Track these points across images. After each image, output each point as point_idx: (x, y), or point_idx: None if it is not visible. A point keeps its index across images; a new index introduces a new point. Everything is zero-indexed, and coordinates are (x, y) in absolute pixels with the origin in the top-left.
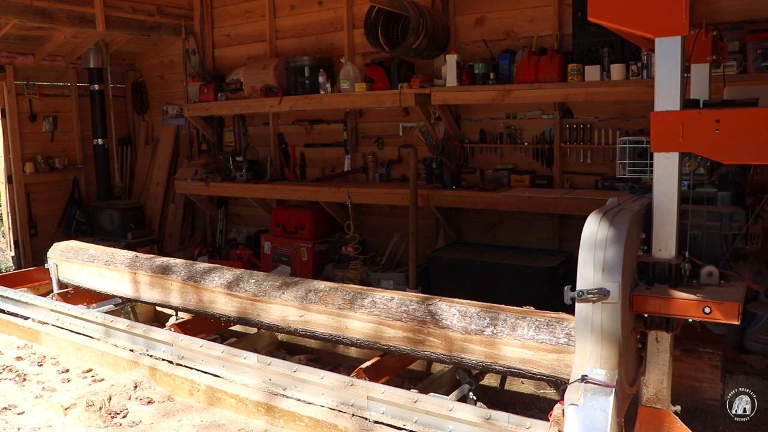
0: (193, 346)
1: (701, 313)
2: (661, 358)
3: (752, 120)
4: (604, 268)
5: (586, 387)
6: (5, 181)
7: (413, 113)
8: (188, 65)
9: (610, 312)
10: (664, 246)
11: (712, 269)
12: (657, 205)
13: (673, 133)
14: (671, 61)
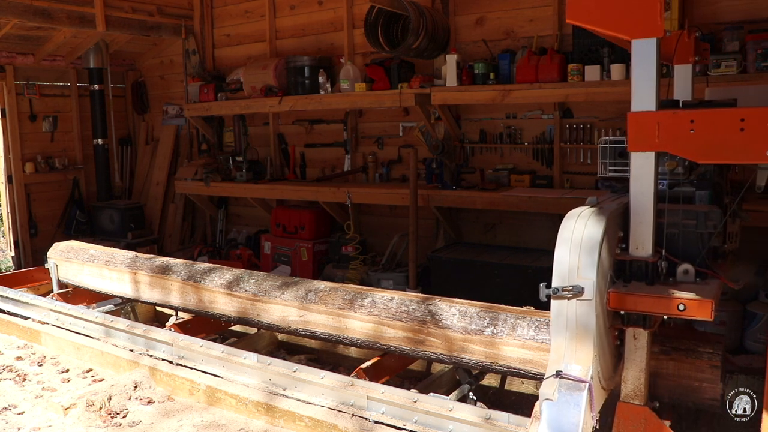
0: (193, 346)
1: (675, 310)
2: (639, 355)
3: (725, 120)
4: (579, 266)
5: (561, 382)
6: (5, 181)
7: (413, 113)
8: (188, 65)
9: (584, 309)
10: (641, 244)
11: (688, 267)
12: (634, 204)
13: (649, 133)
14: (647, 63)
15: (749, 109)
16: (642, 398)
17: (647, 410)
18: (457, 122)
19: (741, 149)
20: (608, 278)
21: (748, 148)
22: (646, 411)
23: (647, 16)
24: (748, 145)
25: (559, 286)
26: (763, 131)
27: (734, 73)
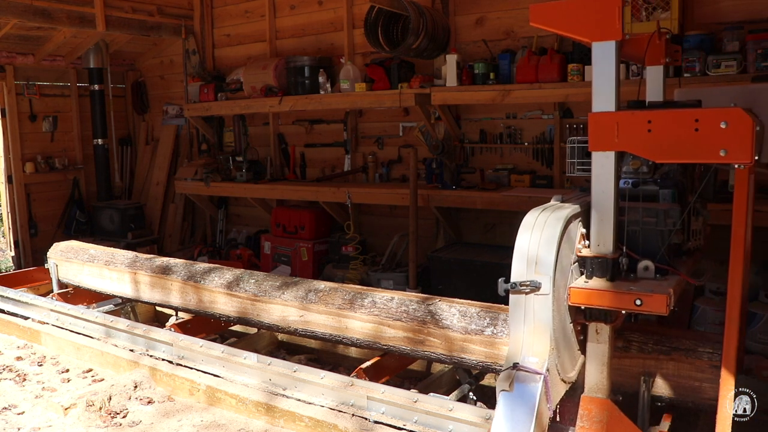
0: (193, 346)
1: (633, 305)
2: (601, 349)
3: (680, 121)
4: (537, 262)
5: (517, 374)
6: (5, 181)
7: (413, 113)
8: (188, 65)
9: (541, 303)
10: (602, 241)
11: (648, 263)
12: (595, 202)
13: (609, 133)
14: (606, 65)
15: (703, 110)
16: (605, 391)
17: (609, 403)
18: (457, 122)
19: (696, 149)
20: (570, 274)
21: (702, 147)
22: (608, 404)
23: (606, 20)
24: (703, 144)
25: (517, 281)
26: (716, 131)
27: (734, 73)
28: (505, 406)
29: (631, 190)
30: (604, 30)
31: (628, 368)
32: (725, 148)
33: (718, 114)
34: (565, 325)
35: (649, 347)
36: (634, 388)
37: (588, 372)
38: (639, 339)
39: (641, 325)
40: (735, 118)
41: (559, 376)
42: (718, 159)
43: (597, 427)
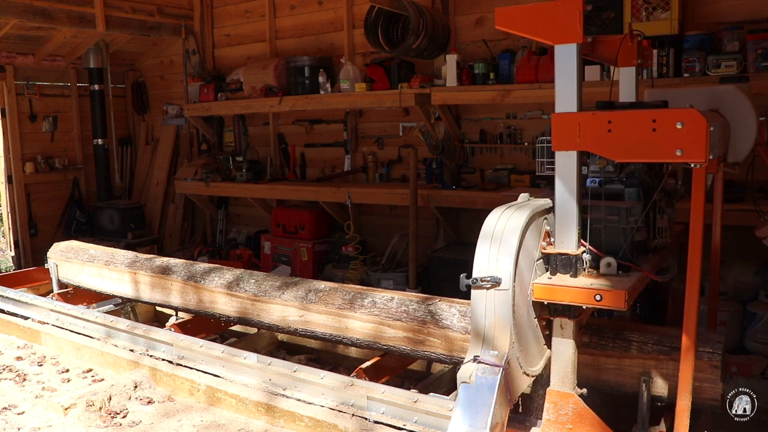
0: (194, 346)
1: (593, 300)
2: (566, 344)
3: (639, 121)
4: (498, 258)
5: (478, 367)
6: (5, 181)
7: (413, 113)
8: (188, 65)
9: (502, 299)
10: (566, 238)
11: (611, 260)
12: (558, 200)
13: (571, 133)
14: (568, 67)
15: (660, 111)
16: (570, 385)
17: (575, 396)
18: (457, 122)
19: (654, 148)
20: (534, 270)
21: (660, 147)
22: (573, 397)
23: (567, 23)
24: (660, 144)
25: (478, 276)
26: (673, 131)
27: (734, 73)
28: (465, 398)
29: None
30: (566, 33)
31: (628, 368)
32: (681, 147)
33: (674, 115)
34: (529, 320)
35: (649, 347)
36: (634, 388)
37: (553, 366)
38: (639, 339)
39: (641, 325)
40: (690, 119)
41: (521, 369)
42: (674, 158)
43: (562, 419)
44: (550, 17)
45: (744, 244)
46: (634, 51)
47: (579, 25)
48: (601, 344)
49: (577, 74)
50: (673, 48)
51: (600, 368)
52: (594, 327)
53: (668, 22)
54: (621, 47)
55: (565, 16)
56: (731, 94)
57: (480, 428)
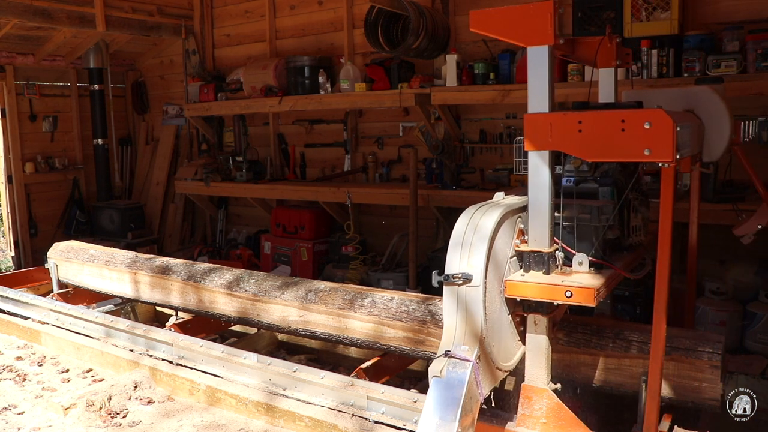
0: (194, 346)
1: (563, 296)
2: (539, 340)
3: (608, 121)
4: (469, 255)
5: (449, 361)
6: (5, 181)
7: (413, 113)
8: (188, 65)
9: (473, 295)
10: (538, 236)
11: (583, 258)
12: (531, 199)
13: (543, 133)
14: (540, 68)
15: (628, 111)
16: (544, 380)
17: (548, 391)
18: (457, 122)
19: (623, 148)
20: (506, 268)
21: (628, 146)
22: (546, 392)
23: (539, 26)
24: (629, 144)
25: (449, 273)
26: (641, 131)
27: (734, 73)
28: (435, 391)
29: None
30: (538, 35)
31: (628, 368)
32: (649, 147)
33: (642, 115)
34: (502, 316)
35: (649, 347)
36: (634, 388)
37: (528, 361)
38: (639, 339)
39: (641, 325)
40: (657, 119)
41: (493, 364)
42: (643, 158)
43: (537, 414)
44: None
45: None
46: (612, 52)
47: (551, 27)
48: (601, 344)
49: (549, 75)
50: (673, 48)
51: (600, 368)
52: (594, 327)
53: (668, 22)
54: (599, 48)
55: (537, 19)
56: (705, 95)
57: (450, 421)
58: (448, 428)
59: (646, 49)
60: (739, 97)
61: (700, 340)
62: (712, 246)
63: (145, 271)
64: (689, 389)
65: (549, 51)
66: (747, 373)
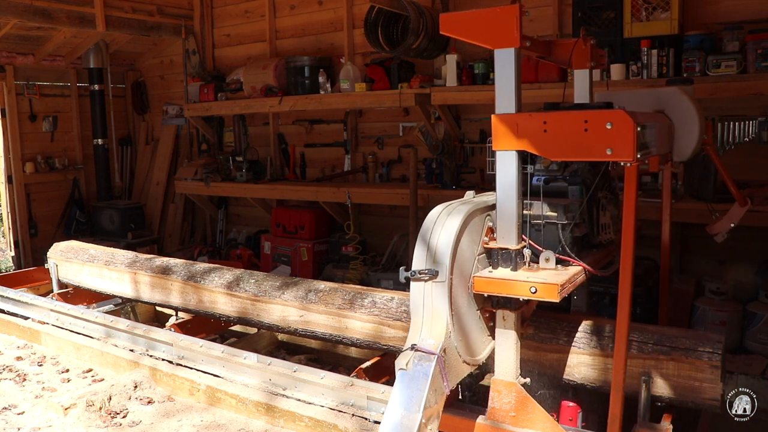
0: (194, 346)
1: (528, 292)
2: (508, 335)
3: (572, 121)
4: (436, 252)
5: (415, 354)
6: (5, 181)
7: (413, 113)
8: (188, 65)
9: (439, 290)
10: (506, 234)
11: (549, 255)
12: (499, 197)
13: (510, 133)
14: (507, 70)
15: (591, 112)
16: (513, 374)
17: (517, 385)
18: (457, 122)
19: (586, 147)
20: (474, 264)
21: (591, 146)
22: (516, 386)
23: (506, 29)
24: (591, 143)
25: (416, 269)
26: (603, 131)
27: (734, 73)
28: (400, 383)
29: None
30: (504, 38)
31: (628, 368)
32: (611, 147)
33: (604, 115)
34: (470, 311)
35: (649, 347)
36: (634, 388)
37: (497, 356)
38: (639, 339)
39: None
40: (619, 120)
41: (460, 358)
42: (605, 157)
43: (506, 407)
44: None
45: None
46: (587, 54)
47: (516, 30)
48: (601, 344)
49: (516, 77)
50: (673, 48)
51: (600, 368)
52: (594, 327)
53: (668, 22)
54: (574, 50)
55: (503, 22)
56: (675, 96)
57: (414, 412)
58: (412, 419)
59: (646, 49)
60: (739, 97)
61: (700, 340)
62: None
63: (145, 271)
64: (689, 389)
65: (515, 53)
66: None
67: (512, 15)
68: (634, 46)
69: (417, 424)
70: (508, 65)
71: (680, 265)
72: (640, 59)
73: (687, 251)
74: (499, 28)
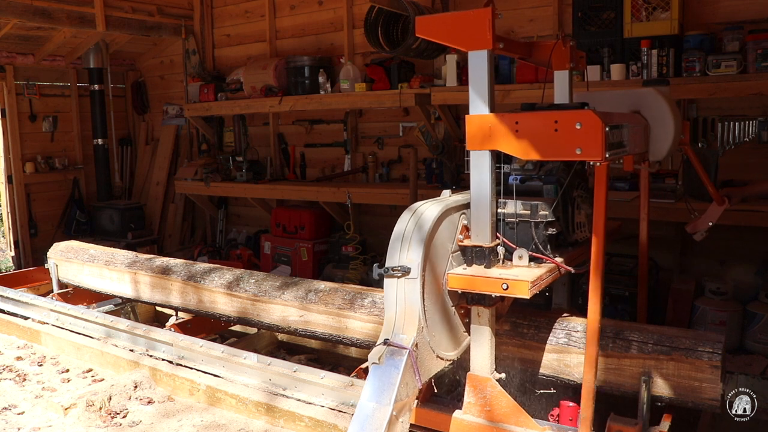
0: (194, 346)
1: (500, 289)
2: (482, 331)
3: (542, 122)
4: (408, 249)
5: (387, 349)
6: (5, 181)
7: (413, 113)
8: (188, 65)
9: (411, 287)
10: (480, 232)
11: (522, 252)
12: (473, 196)
13: (483, 134)
14: (480, 71)
15: (561, 112)
16: (488, 370)
17: (492, 380)
18: (457, 122)
19: (556, 147)
20: (449, 261)
21: (561, 146)
22: (490, 381)
23: (478, 31)
24: (561, 143)
25: (389, 265)
26: (572, 131)
27: (734, 73)
28: (372, 377)
29: (519, 186)
30: (477, 40)
31: (628, 368)
32: (580, 146)
33: (573, 116)
34: (445, 308)
35: (649, 347)
36: (634, 388)
37: (472, 352)
38: (639, 339)
39: (641, 325)
40: (587, 120)
41: (433, 353)
42: (575, 156)
43: (481, 402)
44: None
45: (744, 244)
46: (566, 55)
47: (489, 33)
48: (601, 344)
49: (489, 78)
50: (673, 48)
51: (600, 368)
52: None
53: (668, 22)
54: (553, 51)
55: (477, 25)
56: (650, 97)
57: (385, 405)
58: (383, 411)
59: (646, 49)
60: (740, 97)
61: (700, 340)
62: (712, 246)
63: (145, 271)
64: (689, 389)
65: (488, 55)
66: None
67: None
68: (634, 46)
69: (388, 416)
70: (481, 67)
71: (680, 265)
72: (640, 59)
73: (687, 251)
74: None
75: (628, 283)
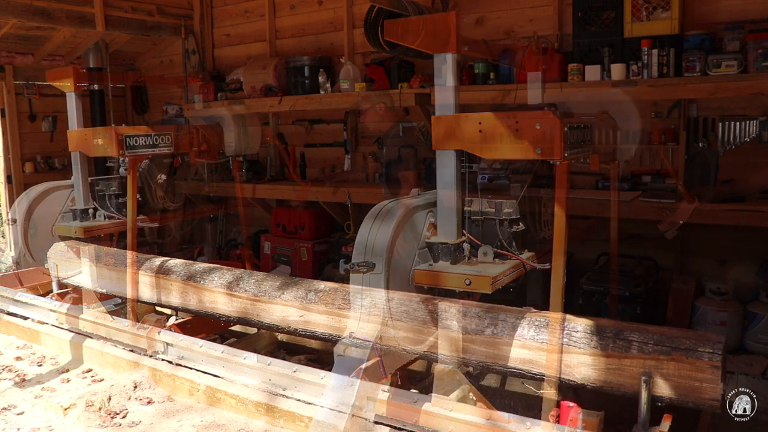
0: (193, 347)
1: (464, 284)
2: (450, 324)
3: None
4: (374, 246)
5: (352, 341)
6: (5, 181)
7: (413, 113)
8: (188, 65)
9: (376, 282)
10: (446, 229)
11: (487, 249)
12: (440, 195)
13: (448, 134)
14: (446, 74)
15: (521, 113)
16: (455, 362)
17: (458, 373)
18: None
19: (517, 147)
20: (415, 258)
21: (522, 145)
22: (457, 374)
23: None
24: (522, 143)
25: (355, 261)
26: (532, 131)
27: (735, 72)
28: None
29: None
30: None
31: (628, 368)
32: (540, 146)
33: (533, 117)
34: (412, 302)
35: (649, 347)
36: (634, 388)
37: (440, 346)
38: (639, 339)
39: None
40: (546, 121)
41: (399, 346)
42: (535, 156)
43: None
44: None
45: (744, 244)
46: (539, 57)
47: (454, 36)
48: (601, 344)
49: (454, 80)
50: (673, 48)
51: (600, 368)
52: (594, 327)
53: (668, 21)
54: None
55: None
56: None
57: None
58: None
59: (647, 49)
60: (740, 97)
61: (700, 340)
62: (712, 246)
63: (145, 271)
64: (689, 389)
65: (452, 58)
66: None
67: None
68: (634, 46)
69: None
70: (446, 69)
71: (680, 265)
72: (641, 59)
73: (687, 251)
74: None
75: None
